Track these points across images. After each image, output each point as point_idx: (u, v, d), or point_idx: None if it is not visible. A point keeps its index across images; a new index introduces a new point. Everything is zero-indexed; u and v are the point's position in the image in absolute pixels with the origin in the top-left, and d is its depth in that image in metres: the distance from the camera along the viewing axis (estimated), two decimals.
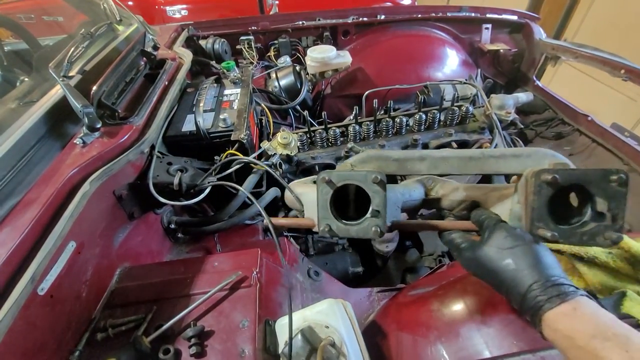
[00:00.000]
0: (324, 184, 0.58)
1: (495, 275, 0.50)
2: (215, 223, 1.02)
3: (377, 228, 0.56)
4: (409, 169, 0.63)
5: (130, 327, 0.67)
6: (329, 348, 0.57)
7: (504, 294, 0.50)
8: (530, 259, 0.48)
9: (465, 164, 0.60)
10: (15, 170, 0.73)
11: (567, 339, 0.40)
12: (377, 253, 1.38)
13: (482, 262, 0.52)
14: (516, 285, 0.47)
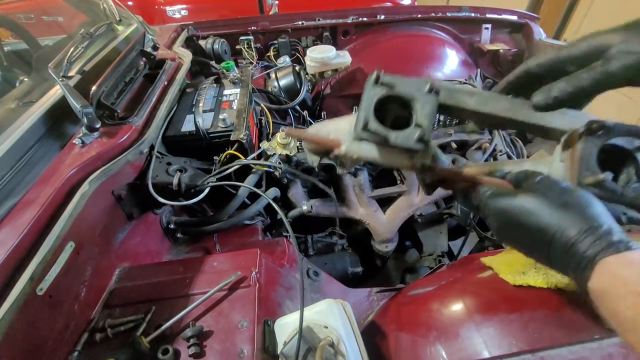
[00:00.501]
0: (373, 85, 0.53)
1: (535, 226, 0.43)
2: (215, 223, 1.02)
3: (421, 135, 0.49)
4: (456, 99, 0.56)
5: (129, 327, 0.67)
6: (327, 348, 0.57)
7: (539, 248, 0.43)
8: (581, 206, 0.42)
9: (515, 109, 0.53)
10: (14, 170, 0.73)
11: (625, 285, 0.36)
12: (377, 253, 1.39)
13: (521, 210, 0.44)
14: (563, 233, 0.41)
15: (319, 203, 1.29)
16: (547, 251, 0.43)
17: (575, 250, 0.40)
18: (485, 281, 0.66)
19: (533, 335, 0.53)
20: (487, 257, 0.69)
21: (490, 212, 0.48)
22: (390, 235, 1.34)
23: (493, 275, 0.64)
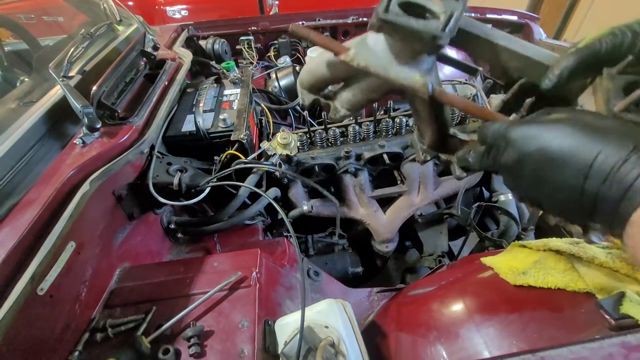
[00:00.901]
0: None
1: (569, 154, 0.36)
2: (215, 223, 1.02)
3: (446, 21, 0.42)
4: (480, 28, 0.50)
5: (130, 327, 0.67)
6: (328, 348, 0.57)
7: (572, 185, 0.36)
8: (619, 128, 0.35)
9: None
10: (15, 170, 0.73)
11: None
12: (377, 253, 1.39)
13: (551, 136, 0.37)
14: (605, 157, 0.33)
15: (320, 203, 1.29)
16: (580, 186, 0.35)
17: (619, 173, 0.33)
18: (485, 281, 0.66)
19: (533, 335, 0.53)
20: (487, 257, 0.69)
21: (510, 147, 0.40)
22: (390, 235, 1.34)
23: (493, 275, 0.64)
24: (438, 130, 0.58)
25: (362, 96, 0.55)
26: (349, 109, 0.59)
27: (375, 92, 0.54)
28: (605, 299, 0.52)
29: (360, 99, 0.56)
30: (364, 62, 0.47)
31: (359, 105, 0.57)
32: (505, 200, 1.36)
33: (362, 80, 0.54)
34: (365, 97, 0.55)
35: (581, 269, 0.58)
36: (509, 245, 0.73)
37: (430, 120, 0.56)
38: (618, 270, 0.57)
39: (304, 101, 0.62)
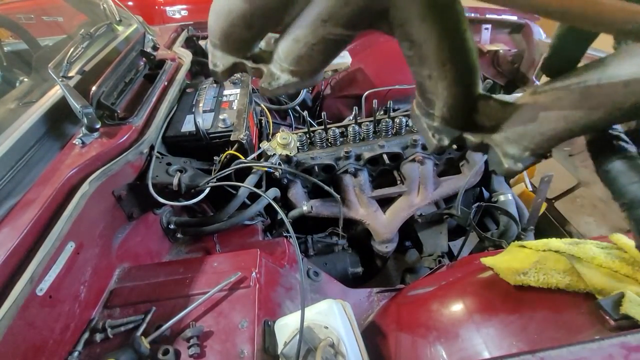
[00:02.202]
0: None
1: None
2: (215, 223, 1.02)
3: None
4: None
5: (130, 327, 0.67)
6: (328, 348, 0.57)
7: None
8: None
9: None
10: (14, 170, 0.73)
11: None
12: (377, 253, 1.39)
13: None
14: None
15: (319, 203, 1.29)
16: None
17: None
18: (485, 281, 0.66)
19: (533, 335, 0.53)
20: (487, 257, 0.69)
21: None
22: (390, 235, 1.34)
23: (493, 275, 0.64)
24: (460, 83, 0.34)
25: (312, 37, 0.34)
26: (293, 68, 0.37)
27: (334, 22, 0.32)
28: (605, 299, 0.52)
29: (310, 45, 0.35)
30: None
31: (309, 58, 0.36)
32: (505, 201, 1.36)
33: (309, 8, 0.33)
34: (317, 38, 0.34)
35: (581, 269, 0.58)
36: (508, 246, 0.73)
37: (444, 59, 0.32)
38: (618, 270, 0.57)
39: (216, 66, 0.41)
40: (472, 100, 0.36)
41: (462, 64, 0.33)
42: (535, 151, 0.34)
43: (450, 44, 0.31)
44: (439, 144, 0.39)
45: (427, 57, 0.33)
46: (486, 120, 0.37)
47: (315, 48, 0.34)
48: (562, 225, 1.59)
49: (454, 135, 0.38)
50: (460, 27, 0.31)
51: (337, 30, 0.32)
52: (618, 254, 0.59)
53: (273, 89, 0.39)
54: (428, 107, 0.38)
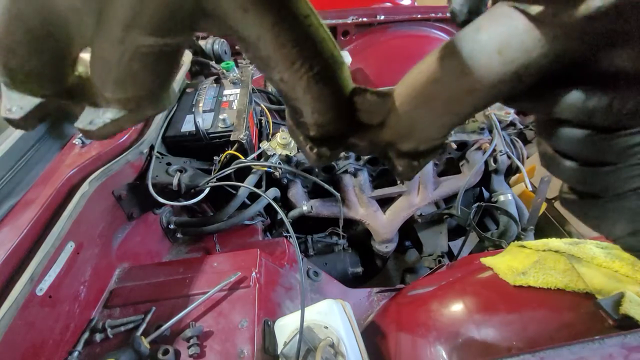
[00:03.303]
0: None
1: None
2: (215, 223, 1.02)
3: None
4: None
5: (129, 327, 0.67)
6: (328, 348, 0.57)
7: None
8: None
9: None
10: (14, 170, 0.73)
11: None
12: (377, 253, 1.39)
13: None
14: None
15: (319, 203, 1.29)
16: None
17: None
18: (485, 281, 0.66)
19: (533, 335, 0.53)
20: (487, 257, 0.69)
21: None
22: (390, 235, 1.34)
23: (493, 275, 0.64)
24: (321, 81, 0.27)
25: (122, 53, 0.24)
26: (120, 97, 0.26)
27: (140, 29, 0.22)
28: (605, 299, 0.52)
29: (125, 63, 0.24)
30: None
31: (133, 80, 0.25)
32: (505, 201, 1.36)
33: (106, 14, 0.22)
34: (129, 52, 0.23)
35: (581, 269, 0.58)
36: (508, 246, 0.73)
37: (291, 57, 0.25)
38: (618, 270, 0.57)
39: (11, 112, 0.25)
40: (344, 97, 0.29)
41: (315, 59, 0.26)
42: (429, 143, 0.30)
43: (291, 37, 0.24)
44: (319, 155, 0.32)
45: (269, 57, 0.26)
46: (369, 117, 0.31)
47: (135, 66, 0.24)
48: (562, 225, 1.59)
49: (337, 143, 0.32)
50: (299, 13, 0.24)
51: (148, 40, 0.23)
52: (618, 254, 0.59)
53: (97, 128, 0.27)
54: (297, 116, 0.31)
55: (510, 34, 0.22)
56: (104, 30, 0.23)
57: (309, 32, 0.25)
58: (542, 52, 0.22)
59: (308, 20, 0.25)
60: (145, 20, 0.22)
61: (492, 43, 0.23)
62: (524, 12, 0.22)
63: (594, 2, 0.18)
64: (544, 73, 0.23)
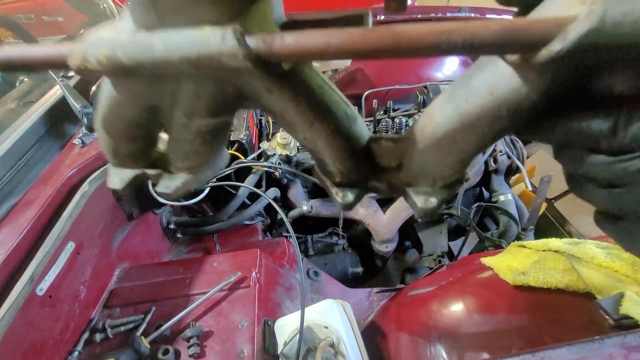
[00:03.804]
0: None
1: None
2: (215, 223, 1.02)
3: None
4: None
5: (129, 327, 0.67)
6: (328, 348, 0.57)
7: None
8: None
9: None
10: (14, 170, 0.73)
11: None
12: (377, 253, 1.39)
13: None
14: None
15: (319, 203, 1.29)
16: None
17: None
18: (485, 281, 0.66)
19: (533, 335, 0.53)
20: (487, 257, 0.69)
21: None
22: (390, 235, 1.34)
23: (493, 275, 0.64)
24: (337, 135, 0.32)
25: (187, 133, 0.32)
26: (187, 165, 0.36)
27: (198, 115, 0.31)
28: (605, 299, 0.52)
29: (189, 141, 0.33)
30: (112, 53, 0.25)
31: (196, 153, 0.34)
32: (505, 201, 1.36)
33: (174, 108, 0.31)
34: (192, 133, 0.32)
35: (581, 269, 0.58)
36: (508, 246, 0.73)
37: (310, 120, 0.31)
38: (618, 270, 0.57)
39: (115, 184, 0.38)
40: (361, 146, 0.34)
41: (330, 118, 0.31)
42: (445, 180, 0.33)
43: (308, 105, 0.30)
44: (344, 202, 0.36)
45: (293, 123, 0.32)
46: (387, 161, 0.35)
47: (196, 142, 0.33)
48: (562, 225, 1.59)
49: (359, 188, 0.36)
50: (314, 85, 0.30)
51: (205, 121, 0.32)
52: (618, 253, 0.59)
53: (172, 191, 0.37)
54: (323, 166, 0.36)
55: (498, 77, 0.25)
56: (176, 119, 0.32)
57: (323, 98, 0.31)
58: (529, 89, 0.24)
59: (321, 89, 0.31)
60: (202, 108, 0.30)
61: (483, 87, 0.26)
62: (504, 59, 0.24)
63: (554, 46, 0.20)
64: (541, 106, 0.25)
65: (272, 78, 0.28)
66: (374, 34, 0.21)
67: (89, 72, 0.26)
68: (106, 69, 0.26)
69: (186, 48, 0.24)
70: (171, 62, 0.25)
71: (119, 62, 0.25)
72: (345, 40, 0.21)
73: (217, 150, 0.37)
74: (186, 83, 0.29)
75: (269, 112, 0.33)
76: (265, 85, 0.28)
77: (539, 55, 0.20)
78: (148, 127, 0.34)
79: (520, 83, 0.24)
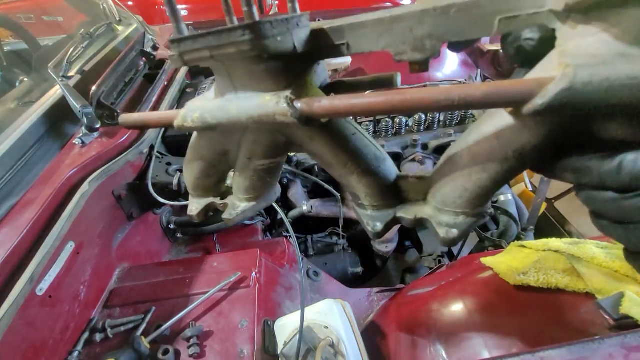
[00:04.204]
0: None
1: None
2: (215, 223, 1.02)
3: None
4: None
5: (129, 327, 0.67)
6: (327, 348, 0.57)
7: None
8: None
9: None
10: (14, 170, 0.73)
11: None
12: (377, 253, 1.39)
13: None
14: None
15: (319, 203, 1.29)
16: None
17: None
18: (485, 281, 0.66)
19: (533, 335, 0.53)
20: (487, 257, 0.69)
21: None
22: (390, 235, 1.34)
23: (493, 275, 0.64)
24: (368, 173, 0.39)
25: (248, 171, 0.44)
26: (247, 196, 0.47)
27: (257, 157, 0.42)
28: (605, 299, 0.52)
29: (249, 177, 0.45)
30: (201, 115, 0.36)
31: (255, 186, 0.46)
32: (505, 201, 1.36)
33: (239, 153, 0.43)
34: (251, 171, 0.44)
35: (581, 269, 0.58)
36: (508, 246, 0.73)
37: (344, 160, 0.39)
38: (618, 270, 0.57)
39: (192, 211, 0.51)
40: (389, 182, 0.40)
41: (361, 159, 0.38)
42: (466, 213, 0.37)
43: (342, 149, 0.38)
44: (374, 231, 0.42)
45: (330, 163, 0.40)
46: (413, 196, 0.41)
47: (254, 178, 0.45)
48: (562, 225, 1.59)
49: (388, 219, 0.42)
50: (347, 133, 0.38)
51: (262, 162, 0.42)
52: (618, 253, 0.59)
53: (233, 217, 0.48)
54: (356, 199, 0.43)
55: (502, 124, 0.29)
56: (239, 160, 0.43)
57: (356, 143, 0.38)
58: (530, 135, 0.28)
59: (354, 135, 0.38)
60: (259, 152, 0.41)
61: (491, 132, 0.30)
62: (506, 110, 0.29)
63: (536, 101, 0.23)
64: (545, 149, 0.29)
65: (313, 129, 0.36)
66: (387, 97, 0.28)
67: (186, 128, 0.37)
68: (197, 125, 0.36)
69: (251, 110, 0.33)
70: (240, 120, 0.34)
71: (206, 121, 0.35)
72: (365, 103, 0.28)
73: (270, 186, 0.48)
74: (249, 135, 0.39)
75: (311, 155, 0.41)
76: (307, 135, 0.37)
77: (525, 109, 0.24)
78: (219, 167, 0.46)
79: (521, 129, 0.28)
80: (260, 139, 0.40)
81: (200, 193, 0.51)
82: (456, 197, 0.36)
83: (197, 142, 0.44)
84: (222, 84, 0.36)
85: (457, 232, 0.37)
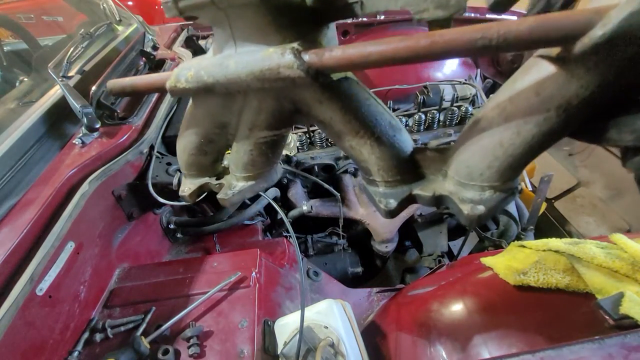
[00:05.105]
0: None
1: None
2: (215, 223, 1.02)
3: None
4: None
5: (129, 327, 0.67)
6: (327, 348, 0.57)
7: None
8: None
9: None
10: (14, 170, 0.73)
11: None
12: (377, 253, 1.39)
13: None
14: None
15: (319, 203, 1.29)
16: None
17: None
18: (485, 281, 0.66)
19: (533, 335, 0.53)
20: (487, 257, 0.69)
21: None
22: (390, 235, 1.34)
23: (493, 275, 0.64)
24: (382, 143, 0.35)
25: (247, 144, 0.40)
26: (244, 174, 0.43)
27: (258, 128, 0.37)
28: (605, 299, 0.52)
29: (248, 152, 0.40)
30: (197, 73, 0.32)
31: (253, 163, 0.42)
32: None
33: (239, 125, 0.38)
34: (251, 144, 0.39)
35: (581, 269, 0.58)
36: (508, 246, 0.73)
37: (356, 128, 0.34)
38: (618, 270, 0.57)
39: (183, 192, 0.48)
40: (405, 155, 0.36)
41: (375, 127, 0.34)
42: (494, 187, 0.32)
43: (354, 115, 0.34)
44: (387, 208, 0.38)
45: (340, 131, 0.36)
46: (431, 171, 0.37)
47: (255, 153, 0.40)
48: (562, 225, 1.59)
49: (402, 196, 0.37)
50: (360, 97, 0.34)
51: (264, 133, 0.38)
52: (618, 253, 0.59)
53: (230, 197, 0.44)
54: (367, 175, 0.39)
55: (543, 77, 0.25)
56: (239, 132, 0.37)
57: (369, 109, 0.34)
58: (578, 86, 0.24)
59: (368, 101, 0.34)
60: (262, 121, 0.36)
61: (529, 88, 0.26)
62: (548, 58, 0.24)
63: (595, 33, 0.20)
64: (593, 103, 0.24)
65: (322, 89, 0.32)
66: (410, 42, 0.23)
67: (179, 90, 0.33)
68: (192, 86, 0.32)
69: (252, 64, 0.29)
70: (240, 77, 0.30)
71: (202, 80, 0.31)
72: (383, 50, 0.24)
73: (271, 163, 0.44)
74: (251, 100, 0.35)
75: (319, 123, 0.36)
76: (316, 97, 0.33)
77: (580, 44, 0.20)
78: (217, 142, 0.41)
79: (568, 80, 0.24)
80: (264, 105, 0.35)
81: (195, 172, 0.46)
82: (484, 168, 0.31)
83: (193, 112, 0.39)
84: (221, 39, 0.32)
85: (484, 209, 0.32)
